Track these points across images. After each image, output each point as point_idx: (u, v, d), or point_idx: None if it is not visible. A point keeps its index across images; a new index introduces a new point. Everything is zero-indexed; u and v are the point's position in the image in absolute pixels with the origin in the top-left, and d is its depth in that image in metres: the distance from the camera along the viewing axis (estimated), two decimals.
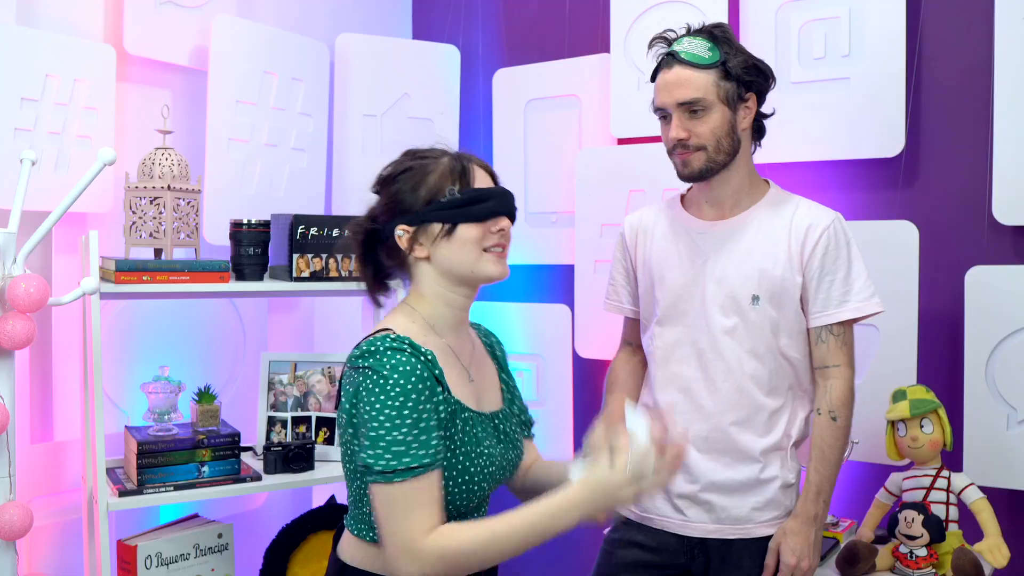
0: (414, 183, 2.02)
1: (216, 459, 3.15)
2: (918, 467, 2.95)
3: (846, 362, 2.64)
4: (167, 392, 3.18)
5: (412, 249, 2.04)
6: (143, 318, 3.60)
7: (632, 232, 2.90)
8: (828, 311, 2.61)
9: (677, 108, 2.60)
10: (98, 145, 3.29)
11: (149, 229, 3.11)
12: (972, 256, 3.15)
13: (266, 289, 3.28)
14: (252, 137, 3.75)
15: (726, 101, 2.58)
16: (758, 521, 2.66)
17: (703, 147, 2.59)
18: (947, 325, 3.22)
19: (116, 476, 3.16)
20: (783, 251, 2.62)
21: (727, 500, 2.66)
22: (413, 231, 2.02)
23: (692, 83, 2.57)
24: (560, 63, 4.06)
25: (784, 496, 2.67)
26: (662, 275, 2.76)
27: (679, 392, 2.71)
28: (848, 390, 2.63)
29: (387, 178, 2.08)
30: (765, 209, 2.69)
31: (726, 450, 2.66)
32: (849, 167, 3.39)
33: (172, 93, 3.72)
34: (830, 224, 2.62)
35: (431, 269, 2.05)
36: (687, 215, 2.78)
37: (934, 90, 3.26)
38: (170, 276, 3.02)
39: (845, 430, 2.63)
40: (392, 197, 2.05)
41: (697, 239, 2.71)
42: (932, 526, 2.75)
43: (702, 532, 2.70)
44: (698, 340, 2.68)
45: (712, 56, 2.57)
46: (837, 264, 2.61)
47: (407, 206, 2.02)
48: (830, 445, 2.61)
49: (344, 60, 4.13)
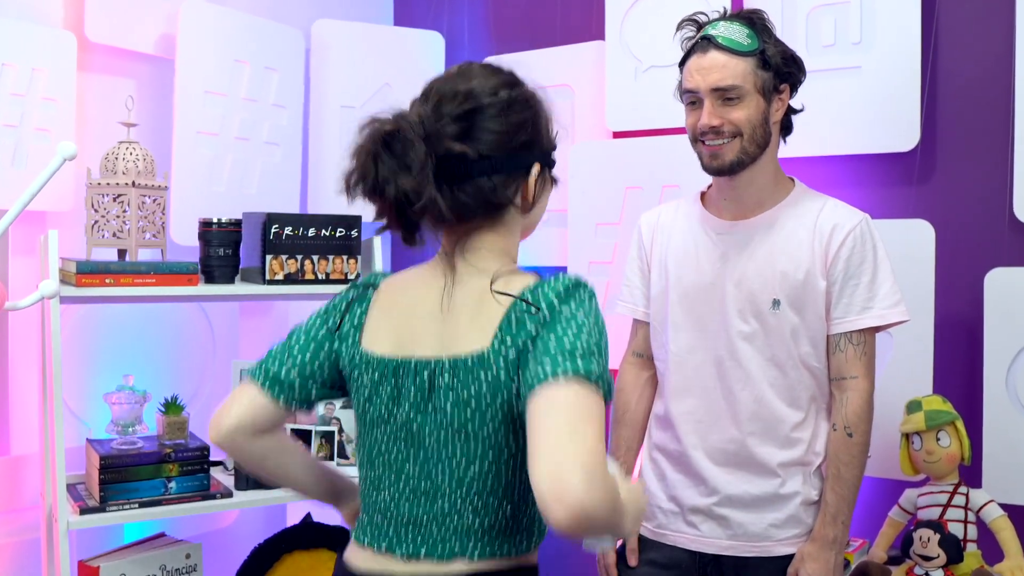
0: (547, 117, 1.91)
1: (184, 474, 3.15)
2: (934, 483, 2.95)
3: (864, 373, 2.62)
4: (131, 403, 3.18)
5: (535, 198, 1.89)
6: (106, 324, 3.60)
7: (649, 230, 2.89)
8: (849, 317, 2.60)
9: (711, 94, 2.57)
10: (58, 139, 3.28)
11: (112, 228, 3.11)
12: (991, 257, 3.16)
13: (237, 293, 3.29)
14: (222, 130, 3.75)
15: (762, 91, 2.57)
16: (776, 539, 2.65)
17: (739, 134, 2.57)
18: (965, 331, 3.22)
19: (77, 492, 3.16)
20: (806, 253, 2.61)
21: (743, 515, 2.66)
22: (538, 175, 1.88)
23: (730, 69, 2.55)
24: (552, 51, 4.06)
25: (806, 514, 2.66)
26: (679, 276, 2.75)
27: (694, 400, 2.71)
28: (865, 404, 2.60)
29: (509, 104, 1.85)
30: (789, 209, 2.68)
31: (743, 463, 2.66)
32: (860, 162, 3.40)
33: (137, 83, 3.72)
34: (857, 225, 2.61)
35: (521, 222, 1.93)
36: (707, 213, 2.77)
37: (951, 80, 3.26)
38: (135, 279, 3.02)
39: (863, 447, 2.61)
40: (524, 124, 1.85)
41: (717, 239, 2.70)
42: (949, 546, 2.76)
43: (716, 548, 2.69)
44: (715, 346, 2.68)
45: (751, 44, 2.56)
46: (863, 268, 2.60)
47: (542, 141, 1.89)
48: (846, 464, 2.59)
49: (321, 48, 4.13)
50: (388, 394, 1.84)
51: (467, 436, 1.77)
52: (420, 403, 1.80)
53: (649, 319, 2.89)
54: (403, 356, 1.84)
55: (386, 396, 1.85)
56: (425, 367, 1.80)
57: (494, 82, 1.86)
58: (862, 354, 2.61)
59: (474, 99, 1.82)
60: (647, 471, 2.85)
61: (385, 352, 1.86)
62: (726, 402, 2.67)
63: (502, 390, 1.73)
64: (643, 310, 2.90)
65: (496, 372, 1.73)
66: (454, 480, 1.79)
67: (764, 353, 2.63)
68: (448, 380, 1.77)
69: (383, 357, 1.86)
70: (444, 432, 1.78)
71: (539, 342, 1.67)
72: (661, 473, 2.79)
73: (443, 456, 1.79)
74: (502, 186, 1.82)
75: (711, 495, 2.68)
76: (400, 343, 1.85)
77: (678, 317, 2.75)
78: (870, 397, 2.62)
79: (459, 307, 1.82)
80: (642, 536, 2.83)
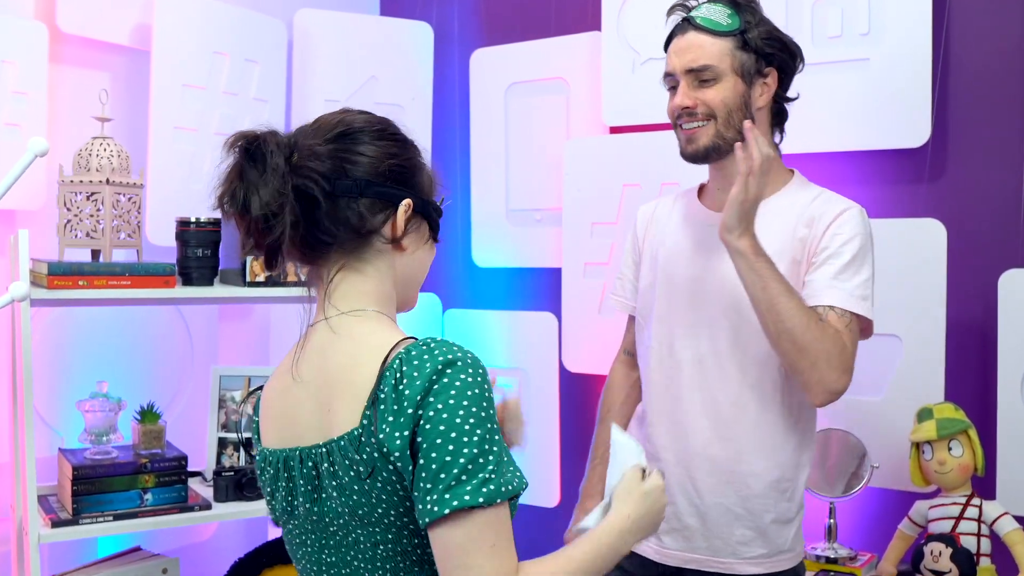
0: (417, 164, 1.87)
1: (160, 485, 3.14)
2: (946, 494, 2.95)
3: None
4: (105, 410, 3.17)
5: (404, 234, 1.82)
6: (79, 327, 3.58)
7: (644, 222, 2.90)
8: (811, 291, 2.51)
9: (685, 75, 2.58)
10: (28, 134, 3.26)
11: (86, 228, 3.09)
12: (1006, 258, 3.16)
13: (216, 295, 3.27)
14: (201, 125, 3.74)
15: (740, 73, 2.56)
16: (743, 557, 2.62)
17: (712, 116, 2.56)
18: (978, 335, 3.22)
19: (49, 504, 3.15)
20: (790, 241, 2.58)
21: (708, 529, 2.63)
22: (409, 217, 1.82)
23: (704, 49, 2.55)
24: (545, 42, 4.06)
25: (778, 533, 2.62)
26: (668, 270, 2.74)
27: (672, 399, 2.69)
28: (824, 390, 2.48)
29: (382, 132, 1.85)
30: (782, 200, 2.66)
31: (714, 470, 2.62)
32: (868, 159, 3.40)
33: (111, 76, 3.71)
34: (847, 208, 2.58)
35: (392, 268, 1.85)
36: (700, 205, 2.77)
37: (963, 73, 3.26)
38: (109, 281, 3.01)
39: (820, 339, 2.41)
40: (396, 157, 1.83)
41: (709, 232, 2.66)
42: (962, 560, 2.76)
43: (679, 561, 2.68)
44: (696, 344, 2.66)
45: (731, 23, 2.56)
46: (844, 249, 2.52)
47: (415, 182, 1.85)
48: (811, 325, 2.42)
49: (304, 39, 4.12)
50: (284, 487, 1.81)
51: (360, 520, 1.71)
52: (312, 492, 1.76)
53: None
54: (291, 446, 1.80)
55: (283, 490, 1.82)
56: (309, 456, 1.76)
57: (375, 120, 1.88)
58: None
59: (348, 124, 1.84)
60: None
61: (274, 444, 1.85)
62: (704, 403, 2.64)
63: (380, 472, 1.65)
64: (633, 304, 2.91)
65: (370, 453, 1.65)
66: (367, 562, 1.75)
67: (747, 352, 2.60)
68: (328, 467, 1.72)
69: (275, 450, 1.83)
70: (342, 519, 1.73)
71: (421, 455, 1.60)
72: None
73: (350, 542, 1.75)
74: (368, 213, 1.78)
75: (678, 503, 2.66)
76: (287, 433, 1.82)
77: (663, 311, 2.74)
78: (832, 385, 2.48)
79: (324, 372, 1.77)
80: None
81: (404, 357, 1.64)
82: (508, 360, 4.08)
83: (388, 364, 1.65)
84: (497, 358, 4.06)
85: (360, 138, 1.82)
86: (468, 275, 4.36)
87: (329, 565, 1.80)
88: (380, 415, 1.62)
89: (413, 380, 1.61)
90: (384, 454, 1.62)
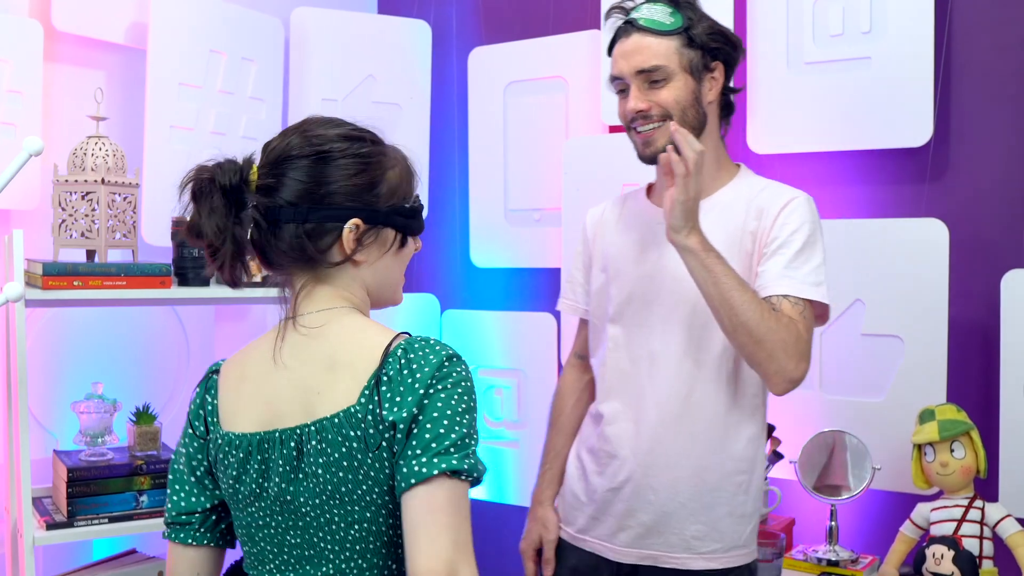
0: (373, 177, 1.93)
1: (156, 487, 3.13)
2: (948, 496, 2.95)
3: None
4: (101, 412, 3.17)
5: (355, 251, 1.91)
6: (74, 328, 3.58)
7: (593, 225, 2.93)
8: (764, 282, 2.54)
9: (636, 77, 2.60)
10: (23, 133, 3.28)
11: (81, 228, 3.09)
12: (1009, 258, 3.15)
13: (212, 296, 3.27)
14: (197, 124, 3.74)
15: (689, 70, 2.59)
16: (697, 552, 2.63)
17: (667, 116, 2.58)
18: (980, 336, 3.22)
19: (43, 506, 3.14)
20: (738, 234, 2.61)
21: (663, 524, 2.64)
22: (363, 231, 1.91)
23: (652, 50, 2.58)
24: (544, 40, 4.05)
25: (732, 528, 2.63)
26: (618, 270, 2.77)
27: (627, 398, 2.70)
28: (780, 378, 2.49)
29: (323, 155, 1.90)
30: (730, 193, 2.69)
31: (670, 465, 2.63)
32: (870, 158, 3.39)
33: (107, 75, 3.70)
34: (795, 198, 2.61)
35: (357, 279, 1.95)
36: (648, 204, 2.79)
37: (966, 71, 3.26)
38: (104, 281, 3.00)
39: (769, 329, 2.43)
40: (344, 182, 1.89)
41: (657, 230, 2.68)
42: (964, 563, 2.75)
43: (633, 559, 2.69)
44: (649, 340, 2.68)
45: (674, 22, 2.59)
46: (793, 238, 2.55)
47: (371, 195, 1.91)
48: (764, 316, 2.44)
49: (300, 37, 4.11)
50: (256, 470, 1.87)
51: (341, 499, 1.81)
52: (289, 473, 1.84)
53: (589, 316, 2.91)
54: (268, 428, 1.88)
55: (254, 472, 1.88)
56: (291, 436, 1.84)
57: (319, 133, 1.94)
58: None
59: (285, 150, 1.90)
60: (571, 471, 2.86)
61: (247, 428, 1.90)
62: (659, 399, 2.65)
63: (377, 445, 1.78)
64: (584, 308, 2.93)
65: (366, 429, 1.78)
66: (335, 543, 1.84)
67: (701, 347, 2.62)
68: (316, 444, 1.81)
69: (246, 433, 1.89)
70: (319, 498, 1.83)
71: (416, 427, 1.76)
72: (584, 474, 2.79)
73: (322, 522, 1.84)
74: (314, 236, 1.88)
75: (633, 499, 2.66)
76: (265, 416, 1.89)
77: (617, 311, 2.75)
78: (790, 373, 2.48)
79: (312, 361, 1.87)
80: (563, 541, 2.85)
81: (407, 347, 1.80)
82: (507, 361, 4.07)
83: (391, 351, 1.80)
84: (496, 359, 4.06)
85: (300, 163, 1.89)
86: (466, 275, 4.36)
87: (292, 546, 1.87)
88: (384, 395, 1.76)
89: (422, 366, 1.77)
90: (381, 430, 1.76)
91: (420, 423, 1.75)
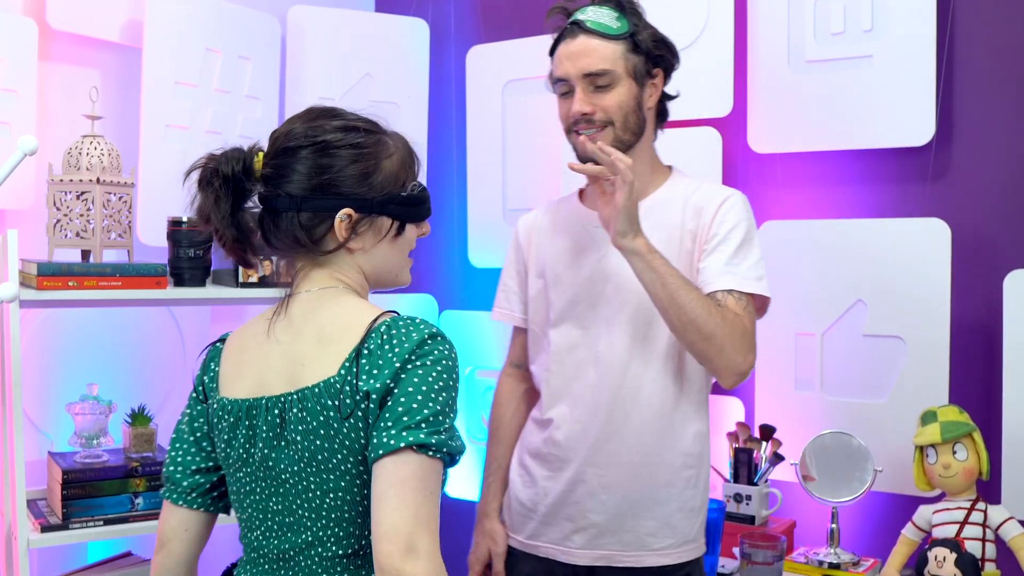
0: (366, 167, 1.98)
1: (152, 489, 3.13)
2: (950, 498, 2.94)
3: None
4: (96, 413, 3.16)
5: (348, 239, 1.99)
6: (69, 329, 3.57)
7: (526, 232, 2.96)
8: (706, 278, 2.60)
9: (581, 80, 2.63)
10: (17, 132, 3.26)
11: (76, 228, 3.08)
12: (1011, 258, 3.15)
13: (208, 296, 3.27)
14: (193, 123, 3.73)
15: (634, 75, 2.64)
16: (651, 548, 2.67)
17: (610, 122, 2.63)
18: (983, 337, 3.21)
19: (38, 509, 3.13)
20: (678, 233, 2.66)
21: (616, 523, 2.68)
22: (357, 220, 1.98)
23: (599, 53, 2.62)
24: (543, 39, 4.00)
25: (684, 522, 2.69)
26: (556, 275, 2.80)
27: (574, 400, 2.74)
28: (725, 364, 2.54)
29: (320, 145, 1.97)
30: (665, 193, 2.74)
31: (621, 464, 2.67)
32: (871, 158, 3.39)
33: (102, 73, 3.69)
34: (730, 196, 2.68)
35: (354, 264, 2.03)
36: (583, 208, 2.83)
37: (968, 70, 3.25)
38: (99, 281, 3.00)
39: (711, 324, 2.48)
40: (340, 171, 1.97)
41: (594, 233, 2.73)
42: (966, 565, 2.75)
43: (588, 560, 2.71)
44: (595, 343, 2.71)
45: (620, 27, 2.63)
46: (731, 236, 2.61)
47: (354, 191, 1.97)
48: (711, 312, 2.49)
49: (297, 36, 4.10)
50: (244, 435, 1.97)
51: (317, 467, 1.89)
52: (272, 439, 1.92)
53: (524, 324, 2.95)
54: (256, 396, 1.96)
55: (242, 437, 1.97)
56: (276, 403, 1.92)
57: (319, 124, 2.01)
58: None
59: (286, 139, 2.00)
60: (515, 480, 2.88)
61: (240, 395, 1.99)
62: (607, 399, 2.68)
63: (353, 415, 1.85)
64: (521, 316, 2.97)
65: (343, 399, 1.85)
66: (312, 511, 1.92)
67: (646, 346, 2.66)
68: (297, 412, 1.89)
69: (238, 399, 1.99)
70: (297, 465, 1.90)
71: (390, 399, 1.82)
72: (532, 479, 2.81)
73: (300, 489, 1.92)
74: (309, 224, 1.98)
75: (586, 500, 2.69)
76: (255, 384, 1.98)
77: (558, 316, 2.79)
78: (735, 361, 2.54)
79: (302, 336, 1.96)
80: (513, 549, 2.87)
81: (391, 323, 1.88)
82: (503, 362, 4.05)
83: (375, 327, 1.88)
84: (494, 359, 4.05)
85: (299, 153, 1.98)
86: (464, 276, 4.35)
87: (275, 512, 1.96)
88: (362, 367, 1.84)
89: (402, 342, 1.84)
90: (357, 400, 1.83)
91: (395, 396, 1.81)
